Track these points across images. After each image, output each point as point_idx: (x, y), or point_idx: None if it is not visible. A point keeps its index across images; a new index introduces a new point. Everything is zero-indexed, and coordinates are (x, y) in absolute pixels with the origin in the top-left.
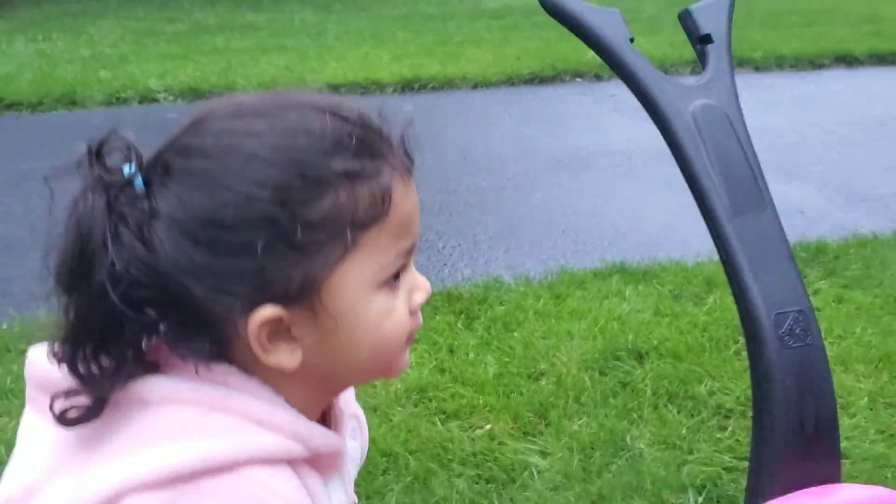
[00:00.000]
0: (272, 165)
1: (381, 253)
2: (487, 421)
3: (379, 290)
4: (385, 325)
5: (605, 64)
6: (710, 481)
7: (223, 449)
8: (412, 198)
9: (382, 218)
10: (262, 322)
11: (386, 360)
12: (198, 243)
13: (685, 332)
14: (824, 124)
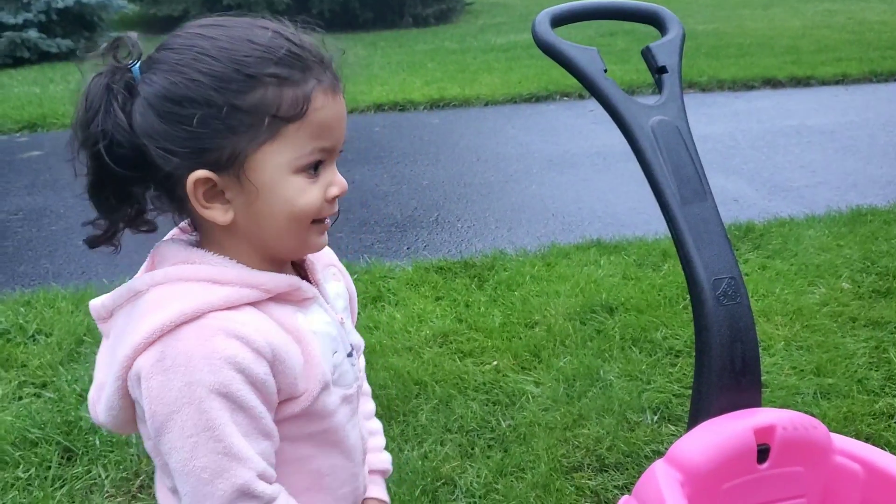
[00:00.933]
0: (217, 61)
1: (298, 145)
2: (494, 359)
3: (296, 174)
4: (297, 201)
5: (586, 88)
6: (664, 405)
7: (190, 305)
8: (335, 108)
9: (300, 117)
10: (196, 180)
11: (298, 231)
12: (158, 115)
13: (646, 291)
14: (753, 132)
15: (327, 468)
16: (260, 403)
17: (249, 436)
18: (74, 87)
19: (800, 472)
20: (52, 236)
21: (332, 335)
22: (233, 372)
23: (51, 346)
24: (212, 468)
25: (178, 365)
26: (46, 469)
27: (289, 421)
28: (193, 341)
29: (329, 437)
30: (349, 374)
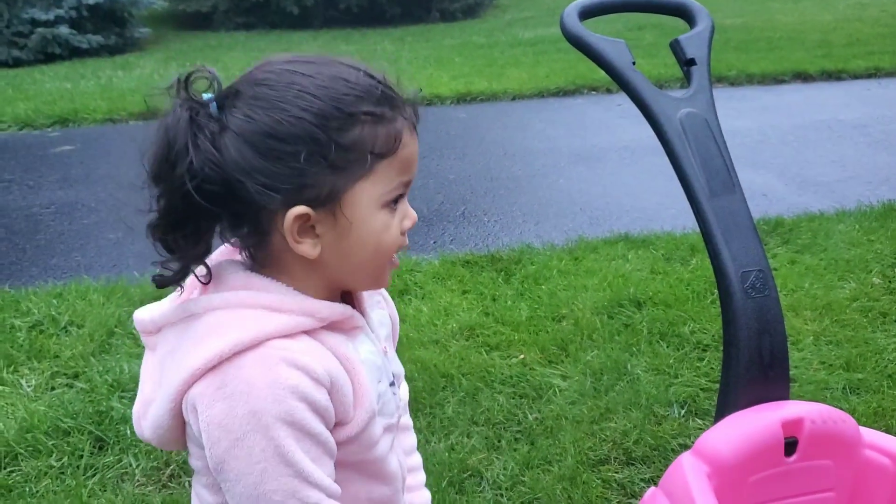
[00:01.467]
0: (318, 98)
1: (388, 180)
2: (521, 352)
3: (382, 209)
4: (383, 236)
5: (614, 81)
6: (691, 399)
7: (248, 333)
8: (414, 145)
9: (393, 153)
10: (295, 216)
11: (378, 266)
12: (258, 152)
13: (674, 285)
14: (783, 127)
15: (365, 493)
16: (324, 429)
17: (318, 460)
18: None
19: (828, 465)
20: (84, 230)
21: (377, 364)
22: (296, 401)
23: (82, 337)
24: (283, 490)
25: (241, 392)
26: (79, 458)
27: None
28: (255, 370)
29: (370, 466)
30: (391, 404)
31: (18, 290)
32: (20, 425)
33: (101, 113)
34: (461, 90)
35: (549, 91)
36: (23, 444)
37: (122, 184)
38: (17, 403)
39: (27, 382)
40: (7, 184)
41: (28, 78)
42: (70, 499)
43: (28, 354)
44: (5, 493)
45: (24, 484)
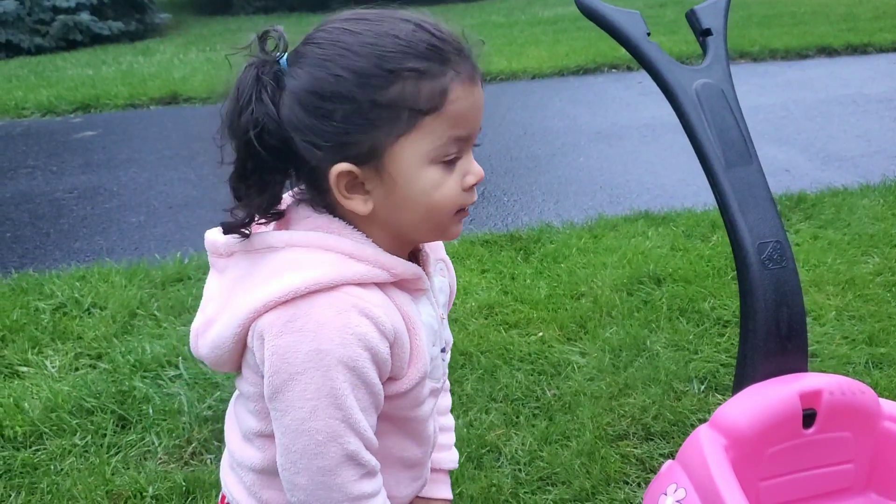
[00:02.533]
0: (360, 56)
1: (436, 136)
2: (540, 330)
3: (432, 166)
4: (434, 194)
5: (628, 53)
6: (710, 374)
7: (327, 274)
8: (472, 98)
9: (438, 109)
10: (338, 173)
11: (437, 223)
12: (304, 109)
13: (694, 262)
14: (807, 102)
15: (399, 450)
16: (379, 381)
17: (366, 410)
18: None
19: (847, 437)
20: (107, 214)
21: (434, 328)
22: (361, 349)
23: (105, 319)
24: (327, 431)
25: (309, 330)
26: (102, 437)
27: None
28: (328, 310)
29: (410, 424)
30: (440, 369)
31: (42, 274)
32: (45, 405)
33: (122, 98)
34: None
35: (569, 69)
36: (47, 424)
37: (144, 168)
38: (42, 384)
39: (51, 363)
40: (31, 169)
41: (50, 65)
42: (94, 476)
43: (52, 336)
44: (31, 471)
45: (48, 462)
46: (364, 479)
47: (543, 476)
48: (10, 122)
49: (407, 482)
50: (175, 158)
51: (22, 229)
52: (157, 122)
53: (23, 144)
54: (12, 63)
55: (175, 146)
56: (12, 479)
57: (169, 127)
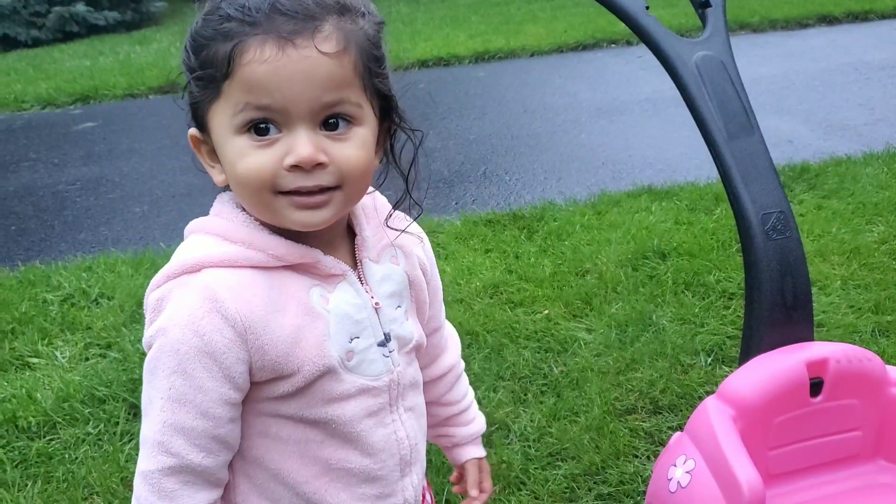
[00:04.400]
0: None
1: (233, 102)
2: (545, 308)
3: (237, 135)
4: (237, 165)
5: (627, 27)
6: (717, 347)
7: (193, 256)
8: (277, 63)
9: (231, 75)
10: (189, 136)
11: (259, 200)
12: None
13: (698, 235)
14: (808, 72)
15: (336, 460)
16: (208, 378)
17: (178, 402)
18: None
19: (854, 404)
20: (110, 204)
21: (354, 318)
22: (190, 334)
23: (113, 308)
24: (144, 406)
25: (166, 309)
26: (115, 425)
27: (286, 399)
28: (182, 291)
29: (339, 429)
30: (376, 365)
31: (49, 266)
32: (57, 395)
33: (120, 89)
34: (479, 49)
35: (567, 46)
36: (60, 413)
37: (146, 157)
38: (53, 374)
39: (62, 354)
40: (32, 162)
41: (48, 57)
42: (108, 464)
43: (61, 327)
44: (46, 460)
45: (63, 451)
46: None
47: (553, 452)
48: (11, 115)
49: (371, 499)
50: (175, 147)
51: (27, 222)
52: (157, 111)
53: (24, 137)
54: (10, 56)
55: (175, 135)
56: (28, 469)
57: (168, 116)
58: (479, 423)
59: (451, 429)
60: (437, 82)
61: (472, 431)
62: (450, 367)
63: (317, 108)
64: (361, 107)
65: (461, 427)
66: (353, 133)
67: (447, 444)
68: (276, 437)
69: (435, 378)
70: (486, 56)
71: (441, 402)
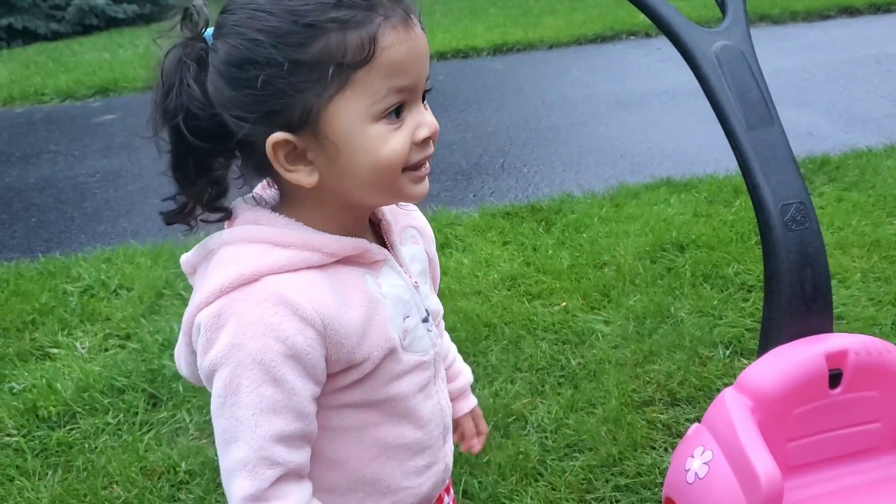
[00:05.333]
0: (272, 15)
1: (372, 90)
2: (563, 300)
3: (374, 122)
4: (380, 151)
5: (647, 17)
6: (736, 339)
7: (248, 267)
8: (409, 43)
9: (369, 60)
10: (273, 143)
11: (389, 182)
12: (226, 82)
13: (717, 228)
14: (829, 63)
15: (394, 437)
16: (297, 379)
17: (273, 412)
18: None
19: (874, 396)
20: (129, 196)
21: (403, 299)
22: (272, 341)
23: (132, 299)
24: (229, 431)
25: (229, 325)
26: (134, 415)
27: (352, 388)
28: (245, 304)
29: (397, 406)
30: (424, 341)
31: (69, 257)
32: (77, 385)
33: (140, 81)
34: (497, 41)
35: (586, 38)
36: (80, 403)
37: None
38: (73, 364)
39: (81, 344)
40: (53, 154)
41: (67, 50)
42: (127, 453)
43: (81, 318)
44: (66, 449)
45: (83, 441)
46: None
47: (570, 443)
48: (31, 108)
49: (421, 470)
50: None
51: (47, 214)
52: None
53: (44, 130)
54: (30, 49)
55: None
56: (48, 458)
57: None
58: (464, 377)
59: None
60: (455, 74)
61: (459, 386)
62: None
63: (425, 83)
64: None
65: (449, 383)
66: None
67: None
68: (336, 429)
69: None
70: (505, 48)
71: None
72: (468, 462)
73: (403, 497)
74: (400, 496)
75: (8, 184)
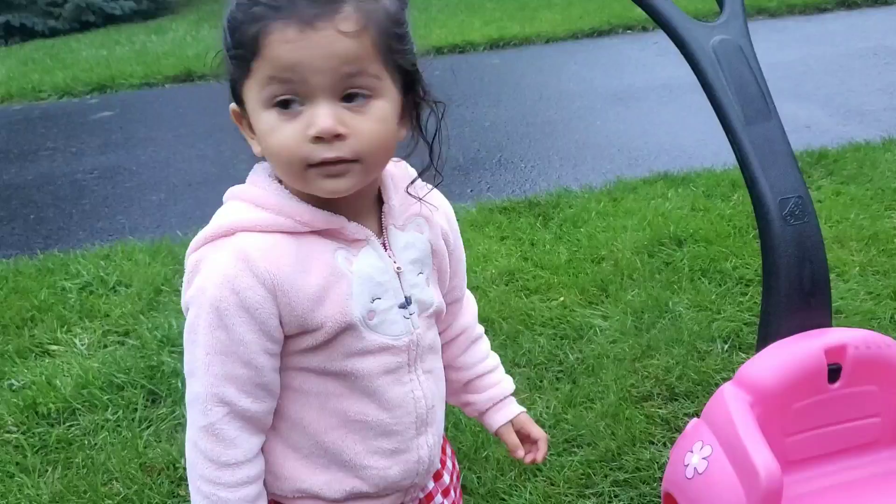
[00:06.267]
0: (227, 8)
1: (262, 79)
2: (561, 295)
3: (267, 110)
4: (269, 139)
5: (645, 12)
6: (734, 333)
7: (227, 221)
8: (299, 42)
9: (258, 53)
10: (231, 111)
11: (290, 172)
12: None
13: (715, 222)
14: (827, 57)
15: (355, 413)
16: (247, 331)
17: (224, 354)
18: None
19: (873, 391)
20: (127, 193)
21: (376, 280)
22: (228, 291)
23: (131, 296)
24: (189, 366)
25: (201, 271)
26: (133, 411)
27: (310, 353)
28: (217, 254)
29: (359, 382)
30: (397, 325)
31: (67, 254)
32: (76, 382)
33: (137, 78)
34: (493, 35)
35: (583, 32)
36: (79, 400)
37: (162, 146)
38: (73, 361)
39: (80, 341)
40: (51, 151)
41: (65, 47)
42: (127, 450)
43: (80, 314)
44: (66, 446)
45: (82, 437)
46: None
47: (569, 438)
48: (28, 105)
49: (387, 453)
50: (192, 136)
51: (45, 211)
52: (173, 100)
53: (41, 127)
54: (27, 46)
55: (191, 124)
56: (48, 455)
57: (184, 105)
58: (501, 388)
59: (469, 395)
60: (451, 70)
61: (490, 396)
62: (462, 330)
63: (336, 80)
64: (381, 79)
65: (478, 394)
66: (371, 106)
67: (473, 414)
68: (299, 390)
69: (447, 341)
70: (502, 43)
71: (454, 365)
72: (466, 457)
73: (368, 476)
74: (364, 474)
75: (6, 181)
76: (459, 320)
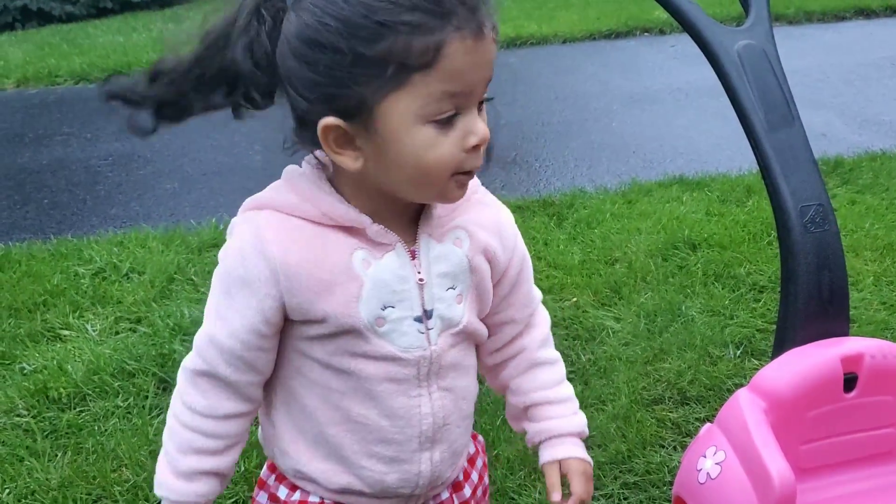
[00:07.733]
0: (348, 4)
1: (426, 92)
2: (574, 295)
3: (425, 125)
4: (426, 155)
5: (669, 14)
6: (747, 339)
7: (265, 197)
8: (475, 54)
9: (430, 66)
10: (324, 126)
11: (431, 185)
12: (293, 55)
13: (729, 227)
14: (844, 65)
15: (356, 414)
16: (244, 305)
17: (220, 318)
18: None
19: (889, 401)
20: (142, 180)
21: (391, 288)
22: (237, 262)
23: (144, 283)
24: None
25: (232, 236)
26: (144, 398)
27: (315, 342)
28: (245, 225)
29: (361, 384)
30: (409, 338)
31: (81, 239)
32: (87, 367)
33: None
34: (511, 34)
35: (600, 33)
36: (90, 386)
37: (177, 135)
38: (84, 347)
39: (92, 327)
40: (66, 137)
41: (81, 33)
42: (137, 437)
43: (92, 300)
44: (76, 431)
45: (92, 423)
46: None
47: None
48: (45, 89)
49: (385, 459)
50: (207, 125)
51: (59, 196)
52: None
53: (57, 112)
54: (44, 31)
55: None
56: (58, 440)
57: None
58: (559, 424)
59: (526, 423)
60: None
61: (543, 429)
62: (519, 350)
63: (484, 90)
64: None
65: (533, 423)
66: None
67: (529, 444)
68: (307, 377)
69: (501, 361)
70: (518, 42)
71: (510, 387)
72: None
73: (365, 477)
74: (361, 474)
75: (21, 165)
76: (519, 341)
